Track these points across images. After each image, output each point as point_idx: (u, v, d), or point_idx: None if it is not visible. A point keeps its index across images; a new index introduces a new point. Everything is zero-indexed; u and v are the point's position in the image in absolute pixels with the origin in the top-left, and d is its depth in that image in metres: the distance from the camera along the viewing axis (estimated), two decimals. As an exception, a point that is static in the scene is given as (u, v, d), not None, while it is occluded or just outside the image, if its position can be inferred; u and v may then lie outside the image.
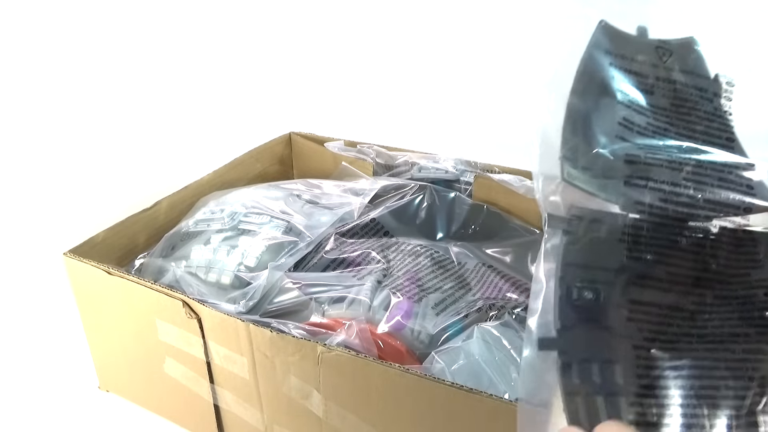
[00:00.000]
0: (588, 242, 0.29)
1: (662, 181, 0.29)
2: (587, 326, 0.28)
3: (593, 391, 0.27)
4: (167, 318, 0.47)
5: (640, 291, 0.29)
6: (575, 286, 0.29)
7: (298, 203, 0.59)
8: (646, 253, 0.29)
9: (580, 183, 0.29)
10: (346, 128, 0.81)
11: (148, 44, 0.80)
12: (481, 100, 0.88)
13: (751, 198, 0.28)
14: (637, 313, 0.29)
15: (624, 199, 0.29)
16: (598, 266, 0.29)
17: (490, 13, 0.82)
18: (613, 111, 0.30)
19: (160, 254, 0.55)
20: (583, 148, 0.30)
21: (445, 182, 0.67)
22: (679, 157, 0.29)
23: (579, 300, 0.28)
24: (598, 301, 0.28)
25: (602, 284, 0.29)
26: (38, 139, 0.69)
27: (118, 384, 0.57)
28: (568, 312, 0.28)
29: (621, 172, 0.29)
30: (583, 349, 0.28)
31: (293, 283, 0.49)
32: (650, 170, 0.29)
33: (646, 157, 0.29)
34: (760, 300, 0.28)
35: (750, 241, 0.29)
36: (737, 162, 0.29)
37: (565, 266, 0.29)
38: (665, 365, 0.27)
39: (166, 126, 0.84)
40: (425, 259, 0.54)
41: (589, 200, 0.29)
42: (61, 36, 0.69)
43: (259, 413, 0.47)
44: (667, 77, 0.32)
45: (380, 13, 0.88)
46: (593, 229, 0.29)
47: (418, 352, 0.45)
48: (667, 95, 0.31)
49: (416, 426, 0.40)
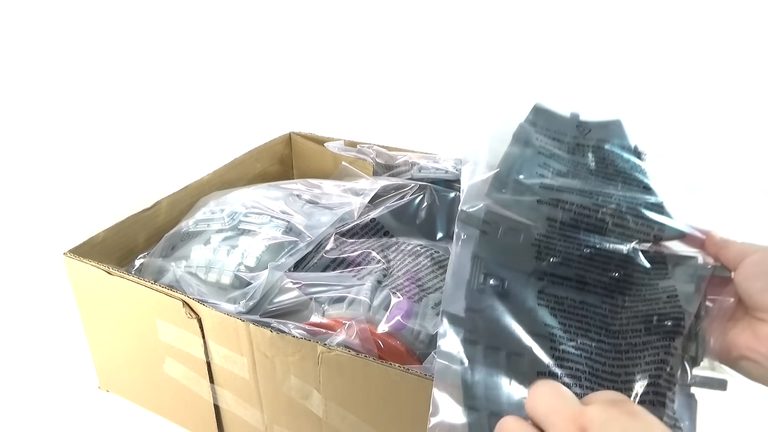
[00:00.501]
0: (502, 243, 0.35)
1: (573, 203, 0.35)
2: (492, 312, 0.33)
3: (496, 373, 0.31)
4: (167, 318, 0.47)
5: (553, 286, 0.34)
6: (483, 273, 0.34)
7: (298, 203, 0.59)
8: (557, 258, 0.34)
9: (500, 201, 0.36)
10: (346, 128, 0.81)
11: (149, 45, 0.80)
12: (482, 100, 0.88)
13: (659, 231, 0.35)
14: (550, 302, 0.34)
15: (536, 214, 0.35)
16: (509, 262, 0.35)
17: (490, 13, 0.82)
18: (536, 159, 0.38)
19: (160, 254, 0.55)
20: (506, 178, 0.37)
21: (445, 182, 0.67)
22: (592, 190, 0.36)
23: (485, 285, 0.34)
24: (503, 290, 0.33)
25: (510, 276, 0.34)
26: (38, 140, 0.69)
27: (118, 384, 0.57)
28: (475, 295, 0.33)
29: (535, 195, 0.35)
30: (488, 333, 0.32)
31: (293, 283, 0.49)
32: (562, 195, 0.36)
33: (559, 186, 0.36)
34: (662, 301, 0.33)
35: (660, 258, 0.35)
36: (647, 200, 0.36)
37: (477, 257, 0.34)
38: (568, 353, 0.32)
39: (166, 126, 0.84)
40: (425, 259, 0.54)
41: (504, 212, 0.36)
42: (61, 36, 0.69)
43: (259, 413, 0.47)
44: (585, 143, 0.40)
45: (380, 14, 0.88)
46: (508, 233, 0.35)
47: (418, 352, 0.45)
48: (586, 154, 0.39)
49: (416, 426, 0.40)
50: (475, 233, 0.35)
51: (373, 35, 0.90)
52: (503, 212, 0.35)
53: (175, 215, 0.62)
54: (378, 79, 0.92)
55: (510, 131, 0.41)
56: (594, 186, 0.36)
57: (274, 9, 0.93)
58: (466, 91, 0.88)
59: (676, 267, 0.35)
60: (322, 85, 0.97)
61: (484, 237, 0.35)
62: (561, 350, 0.32)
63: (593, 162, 0.38)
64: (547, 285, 0.34)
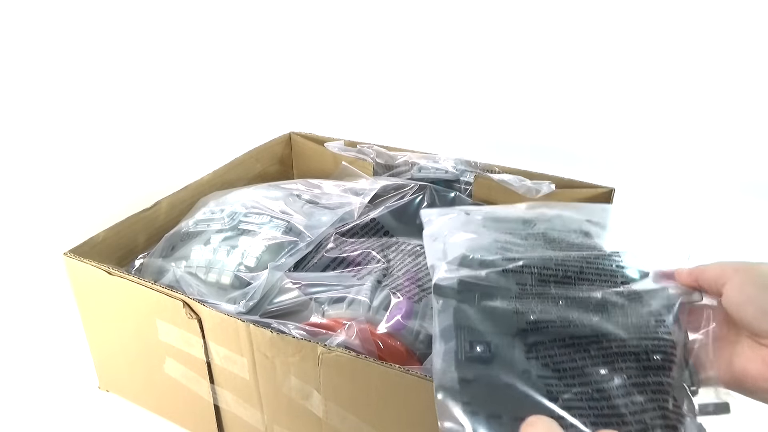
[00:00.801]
0: (481, 309, 0.36)
1: (536, 266, 0.37)
2: (486, 379, 0.33)
3: None
4: (167, 318, 0.47)
5: (538, 333, 0.35)
6: (468, 342, 0.34)
7: (298, 203, 0.59)
8: (536, 314, 0.35)
9: (470, 274, 0.37)
10: (346, 128, 0.81)
11: (149, 44, 0.80)
12: (481, 100, 0.88)
13: (623, 276, 0.37)
14: (539, 352, 0.34)
15: (506, 280, 0.37)
16: (491, 326, 0.35)
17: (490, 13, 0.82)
18: (493, 244, 0.40)
19: (160, 254, 0.55)
20: (470, 258, 0.39)
21: (445, 182, 0.67)
22: (551, 256, 0.38)
23: (472, 353, 0.34)
24: (491, 353, 0.34)
25: (495, 339, 0.34)
26: (38, 139, 0.69)
27: (118, 384, 0.57)
28: (464, 365, 0.33)
29: (500, 266, 0.37)
30: (486, 401, 0.32)
31: (293, 283, 0.49)
32: (525, 262, 0.38)
33: (521, 257, 0.38)
34: (651, 327, 0.34)
35: (635, 294, 0.36)
36: (604, 254, 0.38)
37: (458, 327, 0.35)
38: (569, 400, 0.32)
39: (167, 126, 0.84)
40: (425, 259, 0.54)
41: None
42: (61, 36, 0.69)
43: (259, 413, 0.47)
44: (535, 232, 0.43)
45: (380, 14, 0.88)
46: (484, 299, 0.36)
47: (418, 353, 0.45)
48: (538, 239, 0.41)
49: (416, 426, 0.40)
50: (452, 303, 0.36)
51: (373, 35, 0.90)
52: (476, 282, 0.37)
53: (175, 215, 0.62)
54: (378, 78, 0.92)
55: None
56: (552, 254, 0.38)
57: (273, 9, 0.93)
58: (466, 91, 0.88)
59: (651, 300, 0.36)
60: (322, 85, 0.97)
61: (461, 306, 0.36)
62: (562, 399, 0.32)
63: (545, 242, 0.41)
64: (532, 334, 0.35)
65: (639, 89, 0.79)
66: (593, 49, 0.79)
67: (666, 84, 0.78)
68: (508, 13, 0.81)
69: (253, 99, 0.96)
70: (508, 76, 0.85)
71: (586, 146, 0.85)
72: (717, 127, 0.79)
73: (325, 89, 0.97)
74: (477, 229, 0.43)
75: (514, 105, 0.87)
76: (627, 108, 0.81)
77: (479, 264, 0.38)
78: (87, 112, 0.74)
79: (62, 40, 0.69)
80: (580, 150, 0.85)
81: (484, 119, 0.89)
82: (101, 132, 0.76)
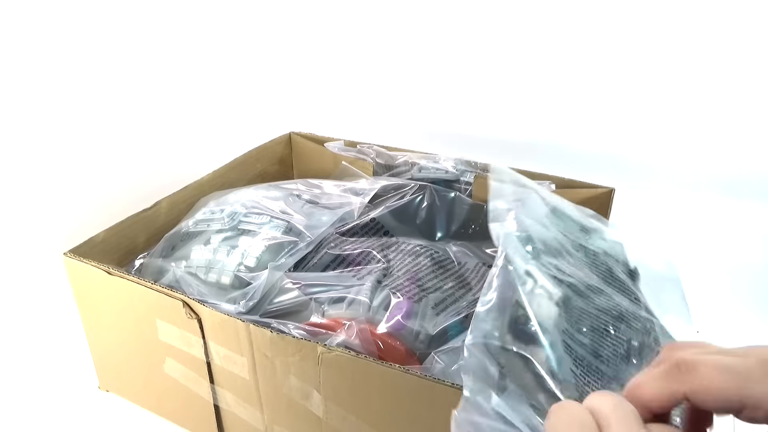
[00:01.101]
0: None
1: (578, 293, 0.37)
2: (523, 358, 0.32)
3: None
4: (167, 318, 0.47)
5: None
6: (524, 315, 0.33)
7: (298, 203, 0.59)
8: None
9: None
10: (346, 128, 0.81)
11: (149, 44, 0.80)
12: (481, 100, 0.88)
13: (656, 341, 0.37)
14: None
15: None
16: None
17: (490, 13, 0.82)
18: (554, 241, 0.40)
19: (160, 254, 0.55)
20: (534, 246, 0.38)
21: (445, 182, 0.67)
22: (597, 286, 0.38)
23: (526, 327, 0.33)
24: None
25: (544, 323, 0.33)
26: (38, 139, 0.69)
27: (117, 384, 0.57)
28: (513, 333, 0.33)
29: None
30: (517, 374, 0.32)
31: (293, 283, 0.49)
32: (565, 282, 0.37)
33: (565, 280, 0.37)
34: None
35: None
36: (643, 315, 0.38)
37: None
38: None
39: (167, 126, 0.84)
40: (425, 258, 0.54)
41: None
42: (61, 36, 0.69)
43: (259, 413, 0.47)
44: (587, 246, 0.43)
45: (380, 14, 0.88)
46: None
47: (418, 353, 0.45)
48: (588, 255, 0.41)
49: (416, 426, 0.40)
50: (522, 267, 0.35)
51: (373, 35, 0.90)
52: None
53: (175, 215, 0.62)
54: (378, 79, 0.92)
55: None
56: (594, 283, 0.38)
57: (273, 9, 0.93)
58: (466, 91, 0.88)
59: None
60: (322, 85, 0.97)
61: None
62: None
63: (591, 263, 0.40)
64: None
65: (639, 89, 0.79)
66: (593, 49, 0.79)
67: (666, 84, 0.78)
68: (508, 13, 0.81)
69: (253, 99, 0.96)
70: (508, 76, 0.85)
71: (586, 146, 0.85)
72: (717, 127, 0.79)
73: (325, 89, 0.97)
74: (543, 218, 0.42)
75: (514, 105, 0.87)
76: (627, 108, 0.81)
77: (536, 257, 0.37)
78: (87, 112, 0.74)
79: (62, 40, 0.69)
80: (580, 150, 0.85)
81: (484, 119, 0.89)
82: (101, 132, 0.76)
